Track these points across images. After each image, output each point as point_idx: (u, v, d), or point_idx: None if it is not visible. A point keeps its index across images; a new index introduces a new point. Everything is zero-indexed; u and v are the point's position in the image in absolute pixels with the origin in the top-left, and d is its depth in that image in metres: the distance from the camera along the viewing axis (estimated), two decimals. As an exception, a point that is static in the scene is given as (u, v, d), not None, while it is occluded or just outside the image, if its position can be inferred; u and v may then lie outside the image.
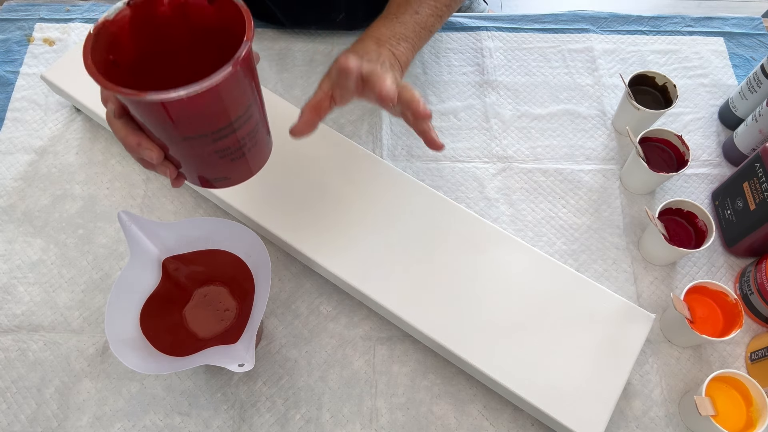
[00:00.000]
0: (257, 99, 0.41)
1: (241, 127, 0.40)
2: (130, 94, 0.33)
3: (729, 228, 0.65)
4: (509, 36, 0.83)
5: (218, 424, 0.57)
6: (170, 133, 0.38)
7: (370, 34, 0.57)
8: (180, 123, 0.37)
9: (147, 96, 0.33)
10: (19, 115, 0.74)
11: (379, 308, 0.58)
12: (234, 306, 0.60)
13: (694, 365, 0.60)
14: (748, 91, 0.70)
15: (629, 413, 0.58)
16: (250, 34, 0.35)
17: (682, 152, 0.66)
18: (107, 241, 0.66)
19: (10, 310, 0.62)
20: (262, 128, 0.43)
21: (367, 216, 0.62)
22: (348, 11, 0.77)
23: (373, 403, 0.58)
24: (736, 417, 0.54)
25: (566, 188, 0.70)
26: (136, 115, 0.38)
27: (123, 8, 0.36)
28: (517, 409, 0.57)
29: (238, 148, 0.41)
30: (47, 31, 0.80)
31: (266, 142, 0.45)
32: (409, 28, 0.58)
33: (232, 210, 0.64)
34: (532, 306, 0.57)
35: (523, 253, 0.60)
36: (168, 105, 0.34)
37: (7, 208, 0.68)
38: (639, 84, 0.72)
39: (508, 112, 0.76)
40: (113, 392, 0.58)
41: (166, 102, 0.34)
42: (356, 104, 0.75)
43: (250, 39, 0.35)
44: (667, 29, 0.84)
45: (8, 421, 0.56)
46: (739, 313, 0.56)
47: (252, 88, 0.39)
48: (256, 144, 0.43)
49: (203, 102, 0.35)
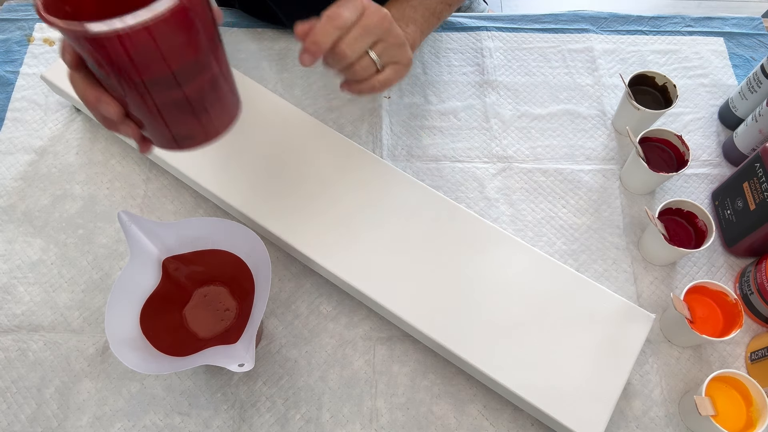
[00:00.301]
0: (216, 52, 0.39)
1: (199, 74, 0.37)
2: (73, 28, 0.30)
3: (729, 228, 0.65)
4: (509, 36, 0.83)
5: (218, 424, 0.57)
6: (124, 78, 0.36)
7: None
8: (132, 62, 0.34)
9: (92, 27, 0.30)
10: (19, 115, 0.74)
11: (379, 308, 0.58)
12: (234, 306, 0.60)
13: (694, 365, 0.60)
14: (748, 91, 0.70)
15: (629, 413, 0.58)
16: None
17: (682, 152, 0.66)
18: (107, 241, 0.66)
19: (10, 310, 0.62)
20: (225, 85, 0.41)
21: (367, 216, 0.62)
22: None
23: (373, 403, 0.58)
24: (736, 417, 0.54)
25: (566, 188, 0.71)
26: (89, 61, 0.36)
27: None
28: (517, 409, 0.58)
29: (198, 99, 0.39)
30: (47, 31, 0.80)
31: (231, 101, 0.43)
32: (419, 12, 0.58)
33: (232, 210, 0.64)
34: (532, 306, 0.57)
35: (523, 253, 0.60)
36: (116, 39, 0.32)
37: (7, 208, 0.68)
38: (639, 84, 0.72)
39: (508, 112, 0.76)
40: (113, 392, 0.58)
41: (114, 34, 0.31)
42: (356, 104, 0.75)
43: None
44: (667, 29, 0.84)
45: (8, 421, 0.56)
46: (739, 313, 0.56)
47: (208, 36, 0.37)
48: (219, 99, 0.41)
49: (154, 35, 0.32)
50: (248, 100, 0.68)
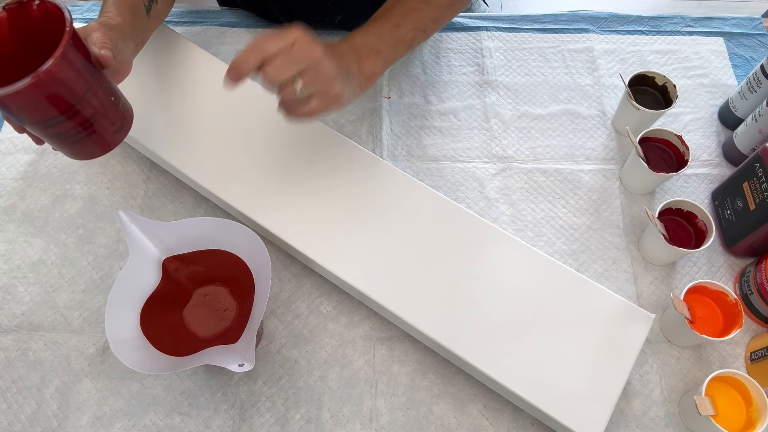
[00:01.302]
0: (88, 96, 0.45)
1: (72, 117, 0.44)
2: None
3: (729, 228, 0.65)
4: (509, 36, 0.83)
5: (218, 424, 0.57)
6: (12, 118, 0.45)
7: (347, 39, 0.57)
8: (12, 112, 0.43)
9: None
10: (19, 115, 0.74)
11: (379, 308, 0.58)
12: (234, 306, 0.60)
13: (694, 365, 0.60)
14: (748, 91, 0.70)
15: (629, 413, 0.58)
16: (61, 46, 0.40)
17: (682, 152, 0.66)
18: (107, 241, 0.66)
19: (11, 310, 0.62)
20: (103, 119, 0.47)
21: (367, 216, 0.62)
22: (346, 12, 0.77)
23: (373, 403, 0.58)
24: (736, 417, 0.54)
25: (566, 188, 0.71)
26: None
27: None
28: (517, 409, 0.58)
29: (74, 134, 0.46)
30: (47, 31, 0.80)
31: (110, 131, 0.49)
32: (385, 41, 0.57)
33: (232, 210, 0.64)
34: (532, 306, 0.57)
35: (523, 253, 0.60)
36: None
37: (7, 208, 0.68)
38: (639, 84, 0.72)
39: (508, 112, 0.76)
40: (113, 392, 0.58)
41: None
42: (356, 104, 0.75)
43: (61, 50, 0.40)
44: (667, 29, 0.84)
45: (8, 421, 0.56)
46: (738, 313, 0.56)
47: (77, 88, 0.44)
48: (95, 131, 0.47)
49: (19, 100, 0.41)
50: (248, 101, 0.68)
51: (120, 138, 0.50)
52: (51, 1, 0.43)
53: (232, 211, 0.64)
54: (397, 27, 0.58)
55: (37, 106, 0.42)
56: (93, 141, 0.48)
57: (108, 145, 0.49)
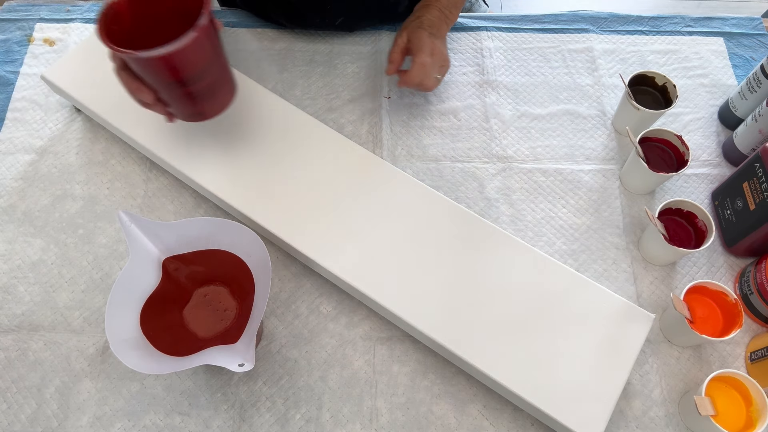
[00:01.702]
0: (219, 57, 0.56)
1: (207, 74, 0.54)
2: (127, 53, 0.49)
3: (729, 228, 0.65)
4: (509, 36, 0.83)
5: (218, 424, 0.57)
6: (156, 79, 0.54)
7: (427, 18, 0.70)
8: (161, 72, 0.52)
9: (138, 54, 0.49)
10: (19, 115, 0.74)
11: (379, 308, 0.58)
12: (234, 306, 0.60)
13: (694, 365, 0.60)
14: (748, 91, 0.70)
15: (629, 413, 0.58)
16: (207, 8, 0.50)
17: (682, 152, 0.66)
18: (107, 241, 0.66)
19: (11, 310, 0.62)
20: (225, 76, 0.59)
21: (367, 216, 0.62)
22: (347, 14, 0.77)
23: (373, 403, 0.58)
24: (736, 417, 0.54)
25: (566, 188, 0.71)
26: (133, 67, 0.54)
27: None
28: (517, 409, 0.58)
29: (207, 90, 0.56)
30: (47, 31, 0.81)
31: (230, 87, 0.60)
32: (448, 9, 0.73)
33: (232, 210, 0.64)
34: (532, 306, 0.57)
35: (523, 253, 0.60)
36: (151, 60, 0.50)
37: (7, 208, 0.68)
38: (639, 84, 0.72)
39: (508, 112, 0.76)
40: (113, 392, 0.58)
41: (150, 58, 0.49)
42: (356, 104, 0.75)
43: (207, 11, 0.50)
44: (667, 29, 0.84)
45: (8, 421, 0.56)
46: (738, 313, 0.56)
47: (213, 48, 0.54)
48: (221, 87, 0.58)
49: (175, 58, 0.50)
50: (248, 100, 0.68)
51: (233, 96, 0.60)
52: None
53: (232, 211, 0.64)
54: None
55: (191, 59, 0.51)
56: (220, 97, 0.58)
57: (230, 99, 0.60)
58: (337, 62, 0.79)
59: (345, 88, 0.77)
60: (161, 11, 0.56)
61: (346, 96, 0.76)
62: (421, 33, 0.68)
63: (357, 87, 0.77)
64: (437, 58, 0.68)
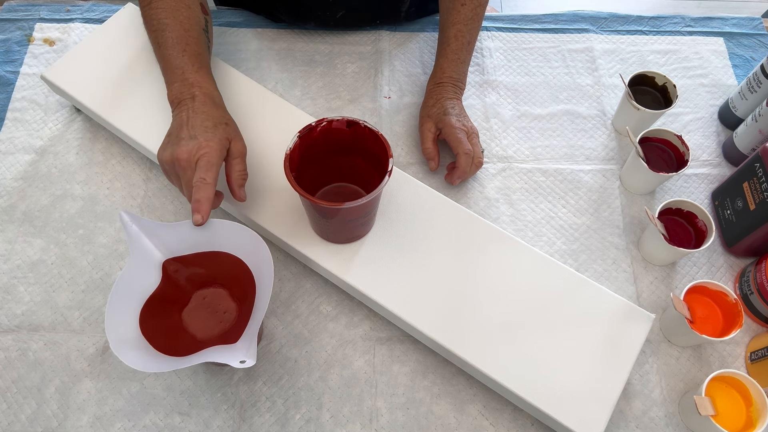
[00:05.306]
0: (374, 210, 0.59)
1: (362, 218, 0.57)
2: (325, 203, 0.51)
3: (729, 228, 0.65)
4: (509, 36, 0.83)
5: (218, 424, 0.57)
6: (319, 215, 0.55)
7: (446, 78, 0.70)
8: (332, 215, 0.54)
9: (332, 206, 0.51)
10: (19, 115, 0.74)
11: (379, 308, 0.58)
12: (233, 308, 0.60)
13: (694, 365, 0.60)
14: (748, 91, 0.70)
15: (629, 413, 0.58)
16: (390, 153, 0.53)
17: (682, 152, 0.66)
18: (107, 241, 0.66)
19: (11, 310, 0.62)
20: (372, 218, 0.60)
21: (367, 216, 0.62)
22: (349, 7, 0.77)
23: (373, 403, 0.58)
24: (736, 417, 0.54)
25: (566, 188, 0.71)
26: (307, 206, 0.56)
27: (296, 139, 0.53)
28: (517, 409, 0.58)
29: (365, 222, 0.59)
30: (47, 31, 0.81)
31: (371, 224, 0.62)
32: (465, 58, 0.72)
33: (232, 210, 0.64)
34: (532, 306, 0.57)
35: (523, 253, 0.60)
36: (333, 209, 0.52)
37: (7, 208, 0.68)
38: (639, 84, 0.72)
39: (508, 112, 0.76)
40: (113, 392, 0.58)
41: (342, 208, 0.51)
42: (356, 105, 0.75)
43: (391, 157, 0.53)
44: (667, 29, 0.84)
45: (8, 421, 0.56)
46: (738, 313, 0.56)
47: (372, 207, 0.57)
48: (373, 218, 0.60)
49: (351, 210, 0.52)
50: (248, 100, 0.68)
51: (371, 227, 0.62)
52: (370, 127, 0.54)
53: (232, 211, 0.64)
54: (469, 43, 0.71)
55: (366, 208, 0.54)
56: (371, 224, 0.61)
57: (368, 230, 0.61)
58: (337, 62, 0.79)
59: (345, 88, 0.77)
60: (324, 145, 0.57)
61: (346, 96, 0.76)
62: (448, 120, 0.67)
63: (357, 87, 0.77)
64: (472, 136, 0.67)
